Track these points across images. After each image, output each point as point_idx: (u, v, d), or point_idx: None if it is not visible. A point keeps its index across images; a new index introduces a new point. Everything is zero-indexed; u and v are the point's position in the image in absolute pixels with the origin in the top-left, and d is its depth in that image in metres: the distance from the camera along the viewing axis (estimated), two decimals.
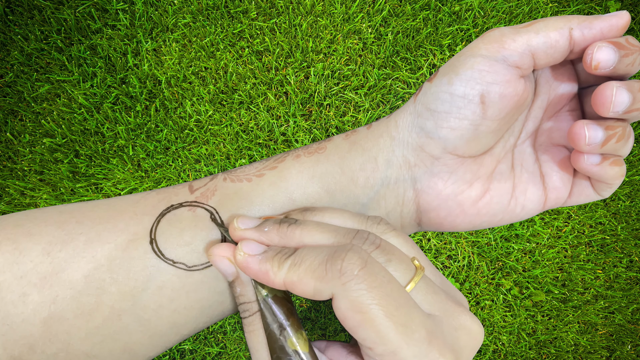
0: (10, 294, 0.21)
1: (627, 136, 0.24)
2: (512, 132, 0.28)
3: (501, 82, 0.24)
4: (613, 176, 0.25)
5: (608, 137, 0.23)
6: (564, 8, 1.02)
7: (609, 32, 0.22)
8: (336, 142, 0.28)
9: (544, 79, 0.27)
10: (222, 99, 0.94)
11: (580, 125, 0.23)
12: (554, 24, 0.23)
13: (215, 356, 0.94)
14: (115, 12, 0.95)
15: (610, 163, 0.24)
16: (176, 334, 0.25)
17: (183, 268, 0.23)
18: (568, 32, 0.23)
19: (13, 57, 0.93)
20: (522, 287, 1.01)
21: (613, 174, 0.25)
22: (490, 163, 0.27)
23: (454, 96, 0.24)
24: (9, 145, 0.92)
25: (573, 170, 0.28)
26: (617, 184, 0.26)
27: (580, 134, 0.23)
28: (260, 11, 0.96)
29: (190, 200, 0.25)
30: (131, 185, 0.92)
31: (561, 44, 0.23)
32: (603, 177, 0.25)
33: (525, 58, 0.23)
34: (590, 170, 0.25)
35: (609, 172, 0.25)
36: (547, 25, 0.23)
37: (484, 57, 0.24)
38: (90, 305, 0.22)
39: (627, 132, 0.24)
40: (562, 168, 0.27)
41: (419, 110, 0.26)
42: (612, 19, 0.22)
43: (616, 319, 1.03)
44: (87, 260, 0.22)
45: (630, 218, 1.03)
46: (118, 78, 0.93)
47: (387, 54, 0.96)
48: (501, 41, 0.24)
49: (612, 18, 0.22)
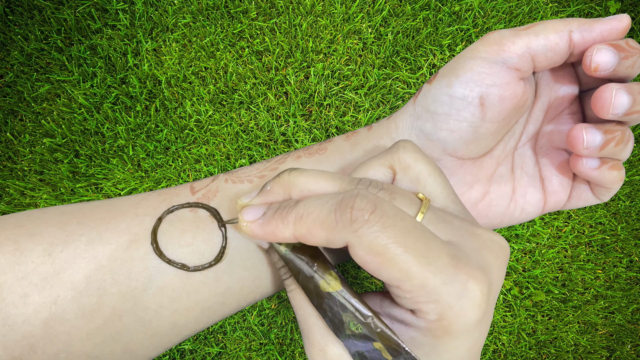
0: (11, 294, 0.21)
1: (627, 140, 0.24)
2: (513, 134, 0.28)
3: (500, 84, 0.24)
4: (612, 180, 0.25)
5: (607, 141, 0.23)
6: (564, 8, 1.02)
7: (609, 35, 0.22)
8: (337, 143, 0.28)
9: (544, 81, 0.27)
10: (222, 99, 0.94)
11: (578, 128, 0.23)
12: (554, 26, 0.23)
13: (215, 356, 0.94)
14: (115, 12, 0.95)
15: (609, 167, 0.24)
16: (177, 335, 0.25)
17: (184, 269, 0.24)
18: (568, 34, 0.23)
19: (13, 57, 0.93)
20: (522, 287, 1.01)
21: (612, 178, 0.25)
22: (490, 165, 0.28)
23: (453, 98, 0.24)
24: (9, 145, 0.92)
25: (573, 174, 0.28)
26: (616, 188, 0.26)
27: (578, 137, 0.23)
28: (260, 11, 0.96)
29: (191, 201, 0.25)
30: (131, 185, 0.92)
31: (561, 47, 0.23)
32: (601, 181, 0.25)
33: (524, 60, 0.23)
34: (588, 174, 0.25)
35: (608, 177, 0.25)
36: (547, 28, 0.23)
37: (484, 59, 0.24)
38: (91, 306, 0.22)
39: (627, 136, 0.24)
40: (562, 172, 0.27)
41: (418, 112, 0.26)
42: (612, 21, 0.22)
43: (616, 319, 1.03)
44: (88, 261, 0.22)
45: (630, 218, 1.03)
46: (118, 78, 0.93)
47: (387, 54, 0.96)
48: (501, 43, 0.24)
49: (612, 21, 0.22)
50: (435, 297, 0.17)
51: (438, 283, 0.17)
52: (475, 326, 0.18)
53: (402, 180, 0.22)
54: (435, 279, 0.17)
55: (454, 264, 0.17)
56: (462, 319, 0.17)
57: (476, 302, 0.17)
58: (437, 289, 0.17)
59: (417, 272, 0.17)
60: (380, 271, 0.17)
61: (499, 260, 0.19)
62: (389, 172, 0.22)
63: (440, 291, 0.17)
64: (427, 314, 0.17)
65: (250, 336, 0.95)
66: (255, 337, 0.95)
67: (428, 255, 0.17)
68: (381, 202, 0.18)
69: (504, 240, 0.20)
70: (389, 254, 0.17)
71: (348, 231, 0.17)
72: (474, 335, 0.18)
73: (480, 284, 0.17)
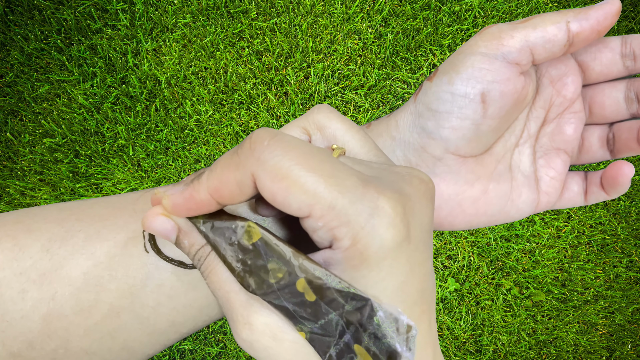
0: (10, 290, 0.21)
1: None
2: (513, 131, 0.28)
3: (501, 80, 0.24)
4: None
5: None
6: (564, 8, 1.02)
7: (604, 20, 0.23)
8: None
9: (546, 79, 0.27)
10: (222, 99, 0.94)
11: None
12: (551, 18, 0.23)
13: (215, 356, 0.94)
14: (115, 12, 0.95)
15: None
16: (175, 333, 0.25)
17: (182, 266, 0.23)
18: (565, 25, 0.23)
19: (13, 57, 0.93)
20: (522, 287, 1.01)
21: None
22: (490, 163, 0.28)
23: (455, 96, 0.24)
24: (9, 145, 0.92)
25: (565, 177, 0.28)
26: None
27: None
28: (260, 11, 0.96)
29: None
30: (131, 185, 0.92)
31: (559, 38, 0.23)
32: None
33: (524, 54, 0.24)
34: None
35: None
36: (544, 20, 0.23)
37: (483, 54, 0.24)
38: (89, 302, 0.22)
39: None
40: (556, 174, 0.28)
41: (419, 111, 0.26)
42: (605, 6, 0.23)
43: (616, 319, 1.03)
44: (86, 257, 0.22)
45: (630, 218, 1.03)
46: (118, 78, 0.93)
47: (387, 54, 0.96)
48: (499, 38, 0.24)
49: (605, 6, 0.23)
50: (345, 219, 0.16)
51: (346, 202, 0.16)
52: (396, 252, 0.17)
53: (317, 142, 0.21)
54: (343, 199, 0.16)
55: (362, 184, 0.16)
56: (376, 241, 0.16)
57: (389, 221, 0.16)
58: (346, 208, 0.16)
59: (324, 192, 0.16)
60: (289, 199, 0.16)
61: (419, 192, 0.18)
62: (304, 135, 0.22)
63: (349, 211, 0.16)
64: (342, 240, 0.16)
65: None
66: None
67: (335, 175, 0.16)
68: (280, 132, 0.17)
69: (427, 176, 0.19)
70: (293, 175, 0.16)
71: (251, 161, 0.16)
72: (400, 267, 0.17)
73: (391, 201, 0.17)
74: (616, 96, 0.26)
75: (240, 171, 0.17)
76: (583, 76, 0.27)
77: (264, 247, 0.18)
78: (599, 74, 0.26)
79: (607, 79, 0.27)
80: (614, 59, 0.26)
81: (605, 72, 0.26)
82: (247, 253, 0.18)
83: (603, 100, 0.27)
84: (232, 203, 0.18)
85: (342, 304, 0.17)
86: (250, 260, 0.18)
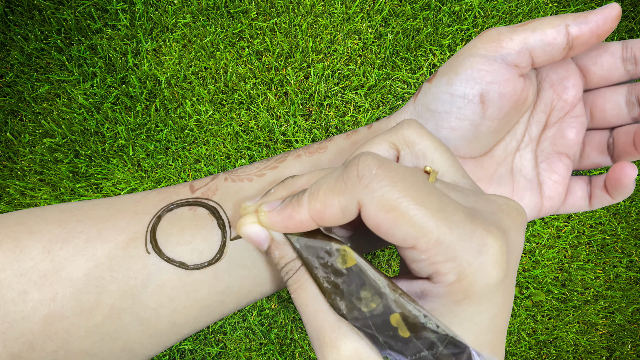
0: (11, 291, 0.21)
1: None
2: (514, 135, 0.28)
3: (500, 81, 0.24)
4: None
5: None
6: (564, 8, 1.02)
7: (603, 24, 0.23)
8: (337, 142, 0.28)
9: (547, 83, 0.27)
10: (222, 99, 0.94)
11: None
12: (550, 22, 0.23)
13: (215, 356, 0.94)
14: (115, 12, 0.95)
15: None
16: (176, 333, 0.25)
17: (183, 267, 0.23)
18: (565, 28, 0.23)
19: (13, 57, 0.93)
20: (522, 287, 1.01)
21: None
22: (490, 166, 0.28)
23: (453, 96, 0.24)
24: (9, 145, 0.92)
25: (569, 181, 0.28)
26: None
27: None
28: (260, 11, 0.96)
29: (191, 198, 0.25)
30: (131, 185, 0.92)
31: (559, 41, 0.23)
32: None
33: (523, 56, 0.24)
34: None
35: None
36: (544, 24, 0.23)
37: (483, 56, 0.24)
38: (90, 303, 0.22)
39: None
40: (559, 178, 0.28)
41: (419, 111, 0.26)
42: (605, 11, 0.23)
43: (616, 319, 1.03)
44: (87, 259, 0.22)
45: (630, 218, 1.03)
46: (118, 78, 0.93)
47: (387, 54, 0.96)
48: (499, 40, 0.24)
49: (605, 10, 0.23)
50: (452, 254, 0.16)
51: (455, 238, 0.16)
52: (497, 288, 0.17)
53: (406, 157, 0.21)
54: (452, 234, 0.16)
55: (470, 220, 0.16)
56: (482, 278, 0.16)
57: (496, 260, 0.16)
58: (454, 244, 0.16)
59: (432, 227, 0.16)
60: (394, 230, 0.16)
61: (517, 224, 0.18)
62: (392, 150, 0.22)
63: (457, 247, 0.16)
64: (445, 275, 0.16)
65: (250, 336, 0.95)
66: (255, 337, 0.95)
67: (442, 209, 0.16)
68: (386, 160, 0.17)
69: (519, 204, 0.20)
70: (401, 208, 0.16)
71: (358, 189, 0.17)
72: (496, 301, 0.17)
73: (498, 241, 0.17)
74: (617, 100, 0.26)
75: (346, 197, 0.17)
76: (584, 81, 0.27)
77: (358, 273, 0.18)
78: (600, 79, 0.26)
79: (608, 83, 0.27)
80: (614, 64, 0.26)
81: (607, 77, 0.26)
82: (340, 276, 0.18)
83: (604, 105, 0.27)
84: (330, 225, 0.19)
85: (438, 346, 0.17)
86: (342, 284, 0.18)
